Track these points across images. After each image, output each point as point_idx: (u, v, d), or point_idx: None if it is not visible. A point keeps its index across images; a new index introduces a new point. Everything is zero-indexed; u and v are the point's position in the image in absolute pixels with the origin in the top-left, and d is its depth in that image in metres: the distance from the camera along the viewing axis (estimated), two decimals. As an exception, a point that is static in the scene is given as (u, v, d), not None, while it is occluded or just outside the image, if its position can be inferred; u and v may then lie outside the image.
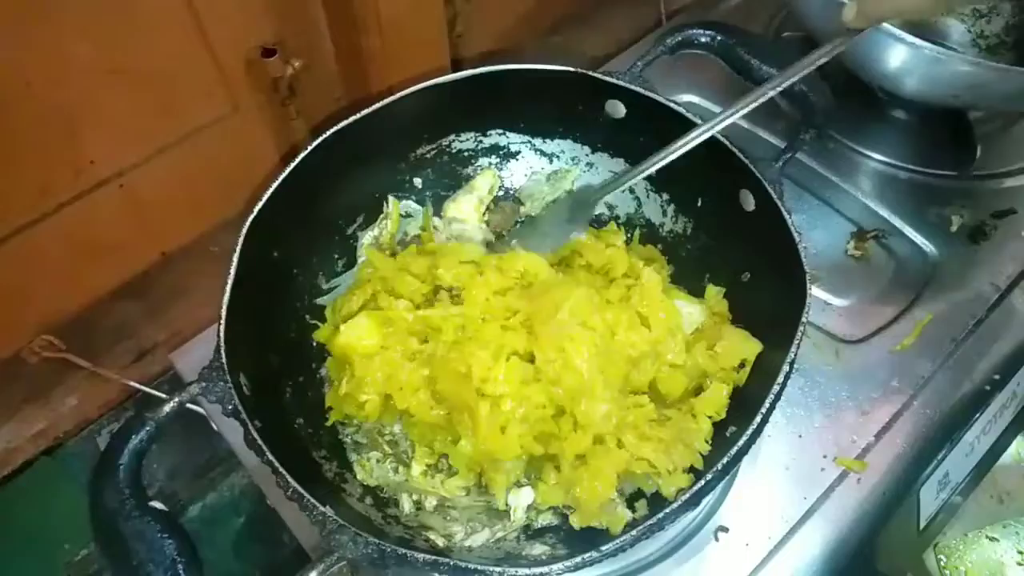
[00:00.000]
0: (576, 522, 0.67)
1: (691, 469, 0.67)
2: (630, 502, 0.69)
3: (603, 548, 0.57)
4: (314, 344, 0.79)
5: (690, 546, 0.73)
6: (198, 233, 0.93)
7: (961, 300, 0.89)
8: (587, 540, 0.65)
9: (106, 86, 0.72)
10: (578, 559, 0.57)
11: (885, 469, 0.78)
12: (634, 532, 0.58)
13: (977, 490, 0.87)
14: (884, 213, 0.95)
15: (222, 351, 0.63)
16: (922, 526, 0.79)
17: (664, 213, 0.87)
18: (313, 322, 0.80)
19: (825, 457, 0.78)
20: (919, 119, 1.03)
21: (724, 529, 0.74)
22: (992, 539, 0.96)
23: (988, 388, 0.83)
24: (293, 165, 0.74)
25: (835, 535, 0.75)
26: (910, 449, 0.79)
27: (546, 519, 0.71)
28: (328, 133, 0.75)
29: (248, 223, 0.71)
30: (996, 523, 0.98)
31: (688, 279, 0.83)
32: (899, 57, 0.83)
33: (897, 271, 0.91)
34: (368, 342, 0.71)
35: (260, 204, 0.72)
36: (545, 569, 0.56)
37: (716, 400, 0.70)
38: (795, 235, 0.67)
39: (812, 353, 0.84)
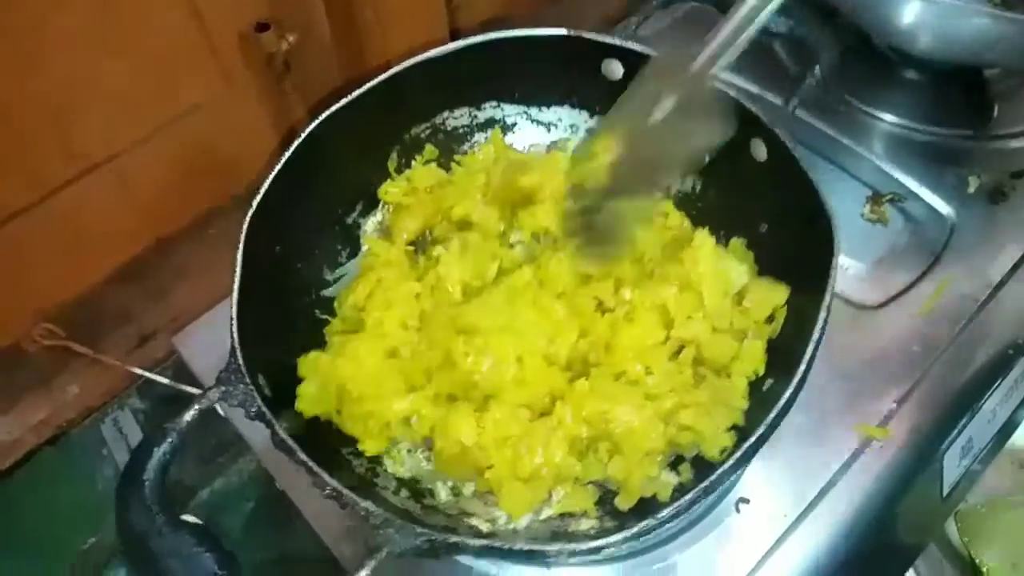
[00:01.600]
0: (622, 503, 0.65)
1: (733, 427, 0.65)
2: (673, 465, 0.68)
3: (660, 515, 0.55)
4: (327, 339, 0.77)
5: (710, 519, 0.71)
6: (195, 216, 0.91)
7: (981, 262, 0.86)
8: (633, 510, 0.64)
9: (95, 64, 0.70)
10: (636, 528, 0.54)
11: (907, 436, 0.76)
12: (689, 496, 0.55)
13: (999, 456, 0.85)
14: (899, 176, 0.92)
15: (238, 353, 0.62)
16: (945, 493, 0.78)
17: (670, 174, 0.84)
18: (323, 316, 0.78)
19: (846, 425, 0.76)
20: (933, 78, 1.00)
21: (745, 500, 0.72)
22: (1015, 506, 0.94)
23: (1011, 352, 0.81)
24: (291, 151, 0.72)
25: (858, 504, 0.72)
26: (932, 415, 0.77)
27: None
28: (324, 116, 0.73)
29: (250, 215, 0.70)
30: (1017, 491, 0.97)
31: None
32: (912, 12, 0.80)
33: (915, 235, 0.89)
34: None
35: (261, 193, 0.71)
36: (603, 542, 0.54)
37: (754, 356, 0.68)
38: (813, 178, 0.65)
39: (830, 319, 0.81)
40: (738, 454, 0.57)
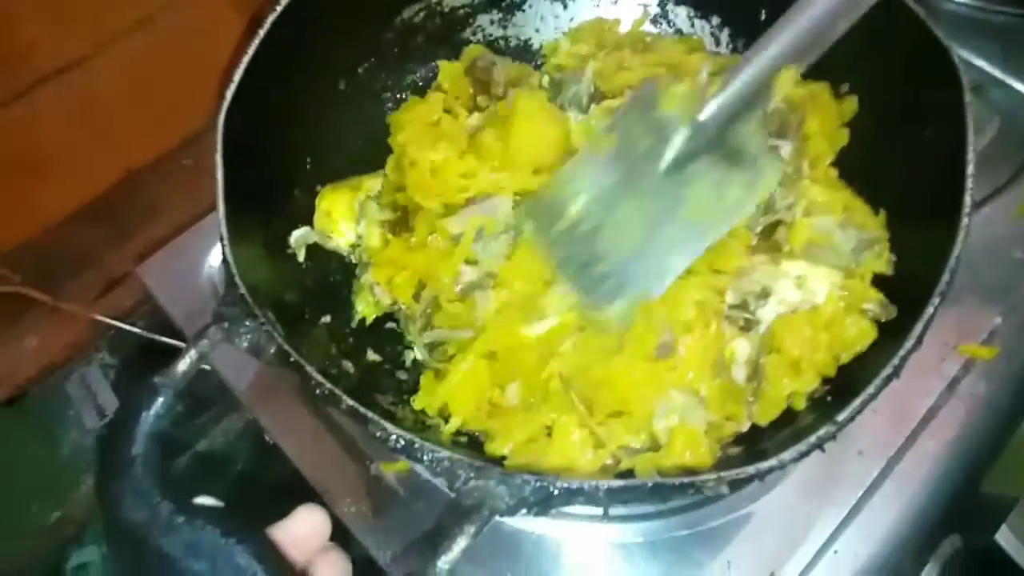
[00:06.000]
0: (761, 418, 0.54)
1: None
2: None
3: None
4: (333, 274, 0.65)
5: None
6: (167, 146, 0.80)
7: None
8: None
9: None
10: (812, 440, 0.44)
11: (1017, 354, 0.63)
12: (846, 412, 0.45)
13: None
14: (980, 63, 0.80)
15: (237, 280, 0.49)
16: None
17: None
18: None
19: (947, 347, 0.63)
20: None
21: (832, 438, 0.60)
22: None
23: None
24: (262, 35, 0.60)
25: (961, 437, 0.60)
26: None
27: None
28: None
29: (223, 111, 0.57)
30: None
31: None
32: None
33: (1004, 126, 0.77)
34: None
35: (234, 84, 0.58)
36: (769, 463, 0.43)
37: None
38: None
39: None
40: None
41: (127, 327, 0.75)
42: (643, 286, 0.54)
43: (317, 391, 0.45)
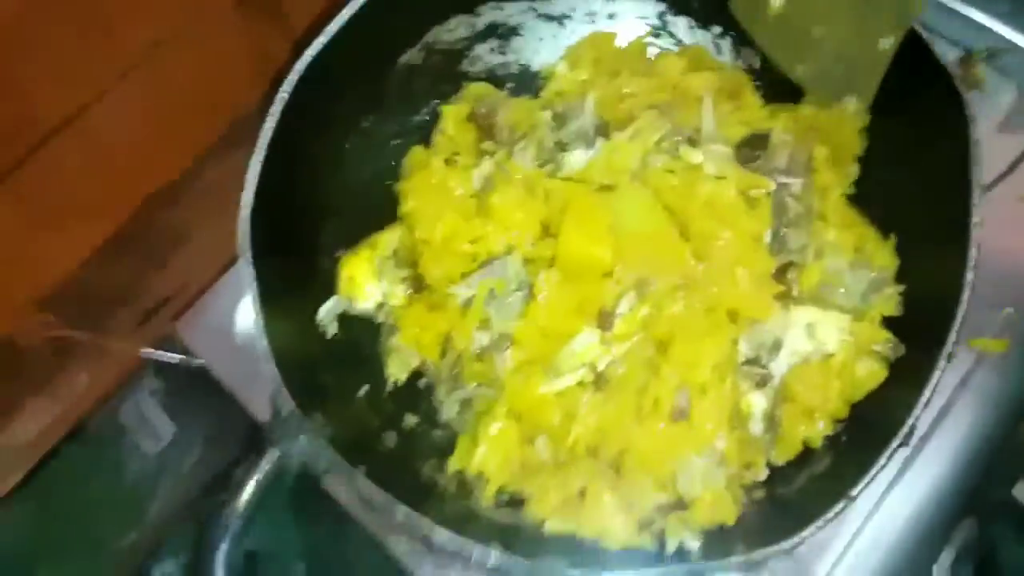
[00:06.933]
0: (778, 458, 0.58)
1: None
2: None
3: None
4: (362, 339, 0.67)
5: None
6: (182, 168, 0.80)
7: (1100, 123, 0.73)
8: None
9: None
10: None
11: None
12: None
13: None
14: (994, 26, 0.77)
15: (293, 407, 0.52)
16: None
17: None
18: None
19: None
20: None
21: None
22: None
23: None
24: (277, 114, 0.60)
25: (973, 430, 0.64)
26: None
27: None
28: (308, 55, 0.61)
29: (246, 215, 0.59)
30: None
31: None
32: None
33: (1020, 96, 0.75)
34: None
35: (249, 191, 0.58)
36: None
37: None
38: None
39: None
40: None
41: (169, 356, 0.78)
42: None
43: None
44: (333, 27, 0.62)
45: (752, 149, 0.60)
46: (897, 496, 0.63)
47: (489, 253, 0.61)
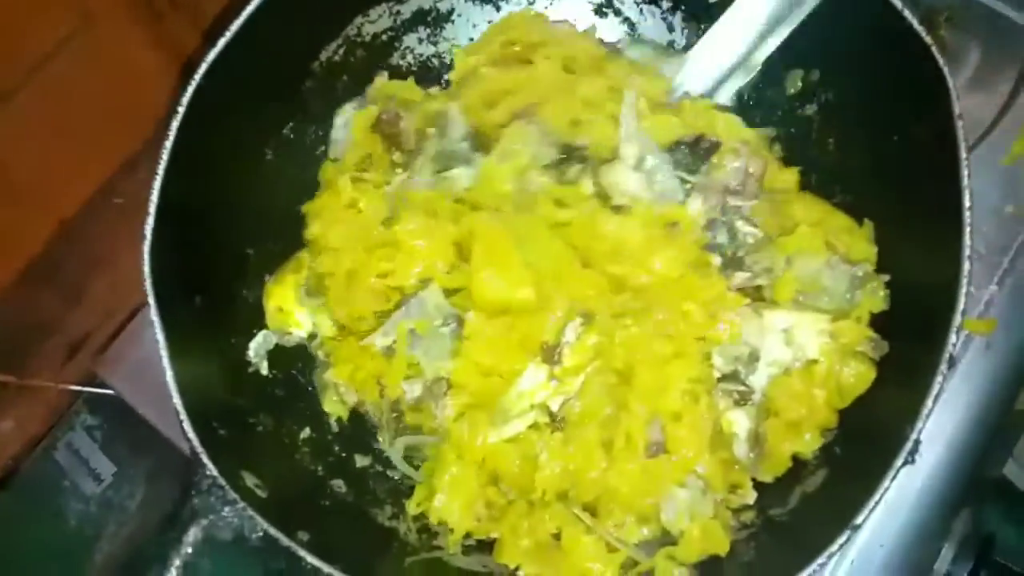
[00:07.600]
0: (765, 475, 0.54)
1: None
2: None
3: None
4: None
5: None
6: (94, 186, 0.74)
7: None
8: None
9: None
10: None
11: (1016, 324, 0.61)
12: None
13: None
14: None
15: (204, 459, 0.48)
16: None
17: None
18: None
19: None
20: None
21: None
22: None
23: None
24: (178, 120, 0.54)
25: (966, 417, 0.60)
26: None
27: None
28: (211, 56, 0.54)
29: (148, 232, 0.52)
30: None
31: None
32: None
33: (985, 56, 0.70)
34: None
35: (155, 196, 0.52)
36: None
37: None
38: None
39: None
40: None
41: (98, 390, 0.73)
42: None
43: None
44: (245, 13, 0.55)
45: (694, 156, 0.53)
46: (896, 494, 0.59)
47: (402, 289, 0.54)
